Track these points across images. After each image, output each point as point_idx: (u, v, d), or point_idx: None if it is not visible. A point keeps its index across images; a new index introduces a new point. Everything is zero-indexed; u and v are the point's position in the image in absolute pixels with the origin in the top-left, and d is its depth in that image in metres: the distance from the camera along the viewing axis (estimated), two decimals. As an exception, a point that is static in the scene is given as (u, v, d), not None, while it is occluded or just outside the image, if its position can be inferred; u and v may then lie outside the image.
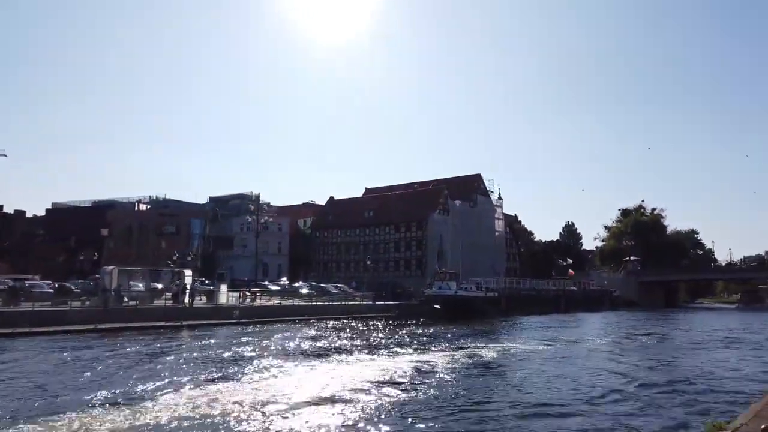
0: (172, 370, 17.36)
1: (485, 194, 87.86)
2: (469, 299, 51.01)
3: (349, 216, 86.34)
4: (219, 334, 30.19)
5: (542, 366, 20.62)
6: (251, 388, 14.96)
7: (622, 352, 25.94)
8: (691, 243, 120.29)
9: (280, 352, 22.97)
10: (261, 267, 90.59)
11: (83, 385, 15.04)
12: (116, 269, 37.70)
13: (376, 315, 47.15)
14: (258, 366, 18.67)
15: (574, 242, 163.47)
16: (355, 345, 25.82)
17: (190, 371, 17.32)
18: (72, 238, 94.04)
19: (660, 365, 21.48)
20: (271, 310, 41.05)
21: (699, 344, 30.58)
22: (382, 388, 14.98)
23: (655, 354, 25.41)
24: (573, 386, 16.29)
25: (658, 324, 47.33)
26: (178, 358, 20.39)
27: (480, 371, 19.14)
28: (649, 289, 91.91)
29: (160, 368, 17.95)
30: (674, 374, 19.06)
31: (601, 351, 26.37)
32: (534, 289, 66.55)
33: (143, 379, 15.90)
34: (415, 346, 25.74)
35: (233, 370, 17.84)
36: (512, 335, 33.95)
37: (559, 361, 21.98)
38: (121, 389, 14.22)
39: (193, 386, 14.90)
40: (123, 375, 16.66)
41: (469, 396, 14.54)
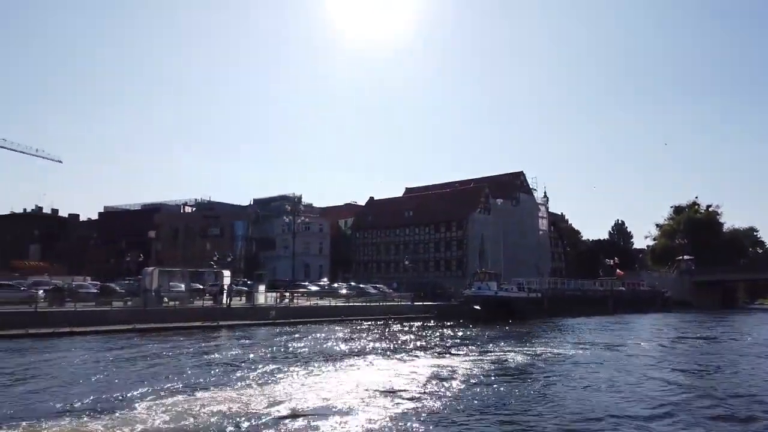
0: (190, 373, 17.20)
1: (528, 192, 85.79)
2: (509, 300, 49.56)
3: (388, 216, 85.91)
4: (252, 334, 30.24)
5: (582, 372, 19.22)
6: (259, 392, 14.39)
7: (674, 358, 24.07)
8: (749, 241, 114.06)
9: (306, 354, 22.52)
10: (303, 267, 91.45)
11: (100, 386, 15.07)
12: (156, 270, 38.46)
13: (414, 316, 46.43)
14: (274, 369, 18.13)
15: (625, 241, 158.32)
16: (384, 347, 25.09)
17: (204, 374, 17.07)
18: (123, 240, 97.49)
19: (716, 374, 19.84)
20: (307, 311, 40.96)
21: (760, 349, 28.46)
22: (396, 396, 14.20)
23: (710, 360, 23.56)
24: (617, 397, 14.94)
25: (714, 326, 44.70)
26: (204, 359, 20.34)
27: (512, 378, 17.88)
28: (705, 290, 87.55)
29: (183, 369, 17.90)
30: (732, 385, 17.35)
31: (649, 356, 24.53)
32: (579, 289, 64.08)
33: (157, 380, 15.88)
34: (446, 349, 24.85)
35: (240, 374, 17.25)
36: (553, 338, 32.35)
37: (603, 367, 20.43)
38: (126, 392, 14.03)
39: (202, 389, 14.57)
40: (140, 376, 16.64)
41: (497, 406, 13.50)
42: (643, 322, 49.15)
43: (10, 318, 27.28)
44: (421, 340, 28.70)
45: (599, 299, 62.75)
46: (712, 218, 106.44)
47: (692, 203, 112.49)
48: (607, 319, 50.50)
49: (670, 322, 49.67)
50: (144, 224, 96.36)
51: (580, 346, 27.41)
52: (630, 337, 33.91)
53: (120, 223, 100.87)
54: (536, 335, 33.94)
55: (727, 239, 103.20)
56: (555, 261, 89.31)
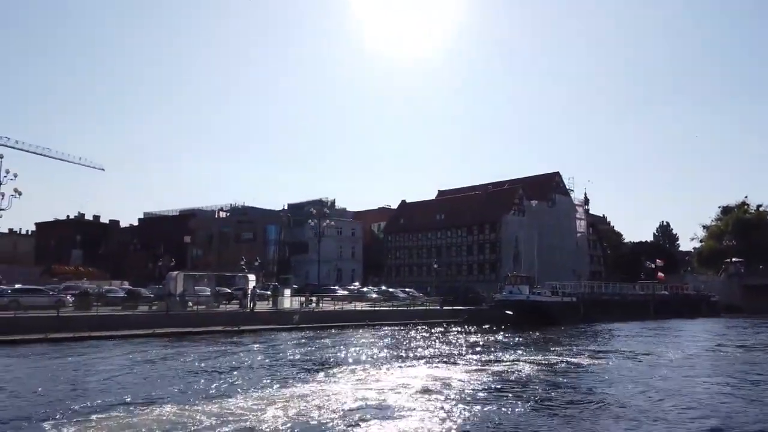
0: (186, 379, 16.72)
1: (565, 193, 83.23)
2: (542, 304, 47.76)
3: (420, 219, 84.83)
4: (271, 340, 29.71)
5: (616, 387, 17.09)
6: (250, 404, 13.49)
7: (724, 371, 21.57)
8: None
9: (315, 361, 21.67)
10: (335, 272, 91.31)
11: (86, 391, 14.68)
12: (181, 274, 38.60)
13: (441, 321, 45.29)
14: (264, 379, 17.26)
15: (670, 244, 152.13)
16: (394, 355, 23.87)
17: (200, 382, 16.44)
18: (161, 245, 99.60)
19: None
20: (332, 315, 40.32)
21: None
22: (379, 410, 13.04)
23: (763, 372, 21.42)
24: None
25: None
26: (202, 366, 19.72)
27: (505, 396, 15.32)
28: (756, 294, 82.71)
29: (179, 375, 17.44)
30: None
31: (686, 367, 22.29)
32: (618, 293, 61.30)
33: (153, 386, 15.40)
34: (455, 357, 23.43)
35: (221, 383, 16.34)
36: (580, 345, 30.23)
37: (635, 383, 17.81)
38: (112, 398, 13.60)
39: (192, 400, 13.87)
40: (119, 383, 16.25)
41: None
42: (687, 328, 46.46)
43: (33, 323, 27.51)
44: (435, 347, 27.44)
45: (640, 304, 59.88)
46: (763, 218, 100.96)
47: (741, 203, 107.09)
48: (647, 324, 48.03)
49: (716, 328, 46.82)
50: (180, 229, 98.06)
51: (608, 355, 25.48)
52: (667, 344, 31.65)
53: (158, 229, 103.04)
54: (563, 342, 31.97)
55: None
56: (594, 264, 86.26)
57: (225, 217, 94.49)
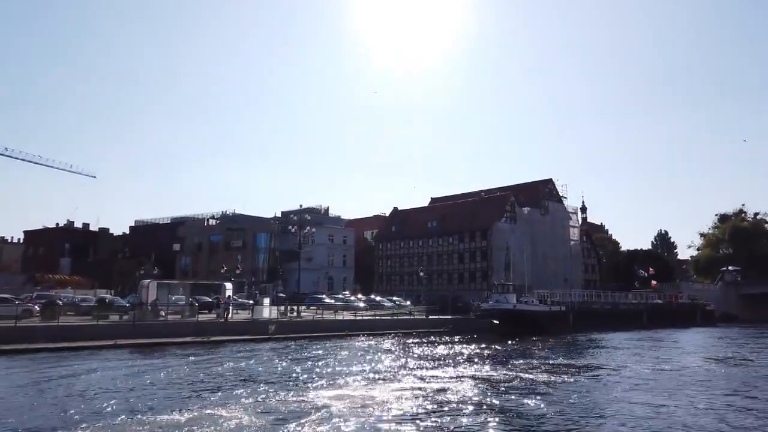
0: (103, 399, 15.39)
1: (559, 200, 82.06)
2: (529, 314, 46.52)
3: (412, 227, 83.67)
4: (233, 351, 28.43)
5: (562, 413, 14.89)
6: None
7: (697, 391, 19.22)
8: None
9: (255, 376, 20.01)
10: (326, 280, 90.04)
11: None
12: (154, 283, 37.47)
13: (425, 331, 44.13)
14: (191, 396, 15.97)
15: (668, 252, 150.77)
16: (360, 369, 22.52)
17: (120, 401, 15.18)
18: (151, 253, 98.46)
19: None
20: (310, 325, 39.14)
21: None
22: None
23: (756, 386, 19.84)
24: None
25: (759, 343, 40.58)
26: (137, 381, 18.35)
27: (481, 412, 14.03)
28: (753, 303, 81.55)
29: (99, 394, 16.14)
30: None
31: (655, 390, 18.67)
32: (609, 302, 59.88)
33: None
34: (425, 370, 22.23)
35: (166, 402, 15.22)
36: (560, 357, 28.23)
37: (583, 408, 15.65)
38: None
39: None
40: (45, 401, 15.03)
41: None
42: (677, 337, 45.12)
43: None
44: (405, 360, 26.04)
45: (632, 313, 58.52)
46: (760, 227, 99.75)
47: (738, 211, 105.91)
48: (638, 334, 46.64)
49: (708, 338, 45.38)
50: (171, 238, 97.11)
51: (575, 370, 23.41)
52: (648, 356, 29.70)
53: (149, 237, 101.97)
54: (537, 354, 30.14)
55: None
56: (588, 272, 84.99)
57: (215, 225, 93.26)
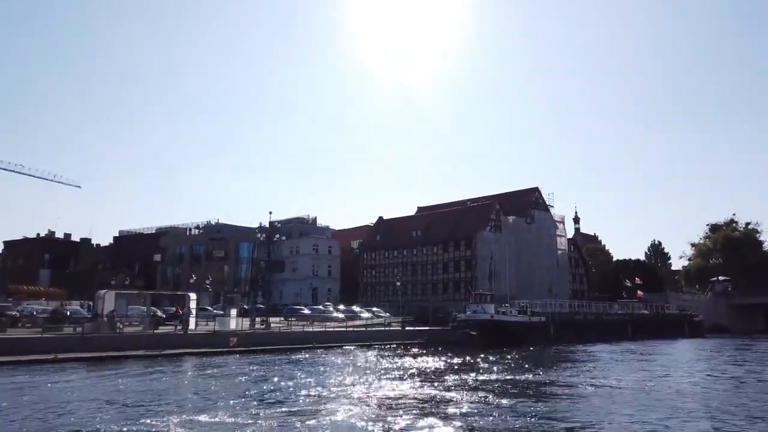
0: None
1: (546, 209, 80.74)
2: (507, 324, 44.93)
3: (397, 236, 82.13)
4: (181, 365, 26.94)
5: None
6: None
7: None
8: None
9: (186, 395, 18.46)
10: (310, 290, 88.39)
11: None
12: (111, 293, 35.93)
13: (400, 342, 42.62)
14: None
15: (661, 262, 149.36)
16: (310, 384, 21.24)
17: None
18: (135, 263, 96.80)
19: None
20: (276, 338, 37.53)
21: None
22: None
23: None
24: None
25: (748, 356, 39.02)
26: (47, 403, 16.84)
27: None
28: (744, 314, 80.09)
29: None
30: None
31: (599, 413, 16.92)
32: (593, 313, 58.21)
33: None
34: (387, 383, 20.89)
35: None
36: (534, 371, 26.61)
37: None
38: None
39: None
40: None
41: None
42: (661, 349, 43.47)
43: None
44: (362, 373, 24.55)
45: (617, 324, 56.90)
46: (751, 237, 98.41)
47: (729, 221, 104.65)
48: (620, 346, 45.01)
49: (690, 351, 43.65)
50: (153, 248, 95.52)
51: (550, 386, 21.67)
52: (617, 371, 27.51)
53: (132, 247, 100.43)
54: (510, 367, 28.24)
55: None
56: (576, 283, 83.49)
57: (197, 235, 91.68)
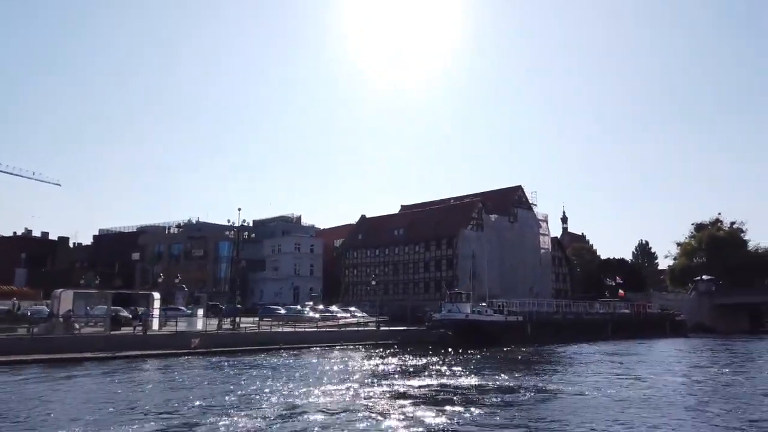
0: None
1: (529, 208, 79.89)
2: (483, 324, 44.00)
3: (379, 235, 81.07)
4: (131, 368, 25.61)
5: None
6: None
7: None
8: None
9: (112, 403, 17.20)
10: (291, 290, 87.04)
11: None
12: (69, 293, 34.54)
13: (373, 343, 41.56)
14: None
15: (649, 262, 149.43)
16: (261, 389, 20.08)
17: None
18: (115, 263, 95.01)
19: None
20: (242, 339, 36.33)
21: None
22: None
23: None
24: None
25: (726, 356, 38.35)
26: None
27: None
28: (728, 313, 79.65)
29: None
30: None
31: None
32: (572, 312, 57.35)
33: None
34: (347, 386, 19.79)
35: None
36: (501, 371, 25.58)
37: None
38: None
39: None
40: None
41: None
42: (638, 350, 42.64)
43: None
44: (321, 376, 23.49)
45: (597, 323, 56.11)
46: (736, 236, 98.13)
47: (715, 220, 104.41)
48: (598, 347, 44.14)
49: (667, 351, 42.67)
50: (132, 247, 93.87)
51: (507, 391, 20.19)
52: (576, 375, 26.14)
53: (112, 246, 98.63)
54: (478, 367, 27.24)
55: (753, 259, 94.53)
56: (560, 282, 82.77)
57: (176, 234, 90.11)
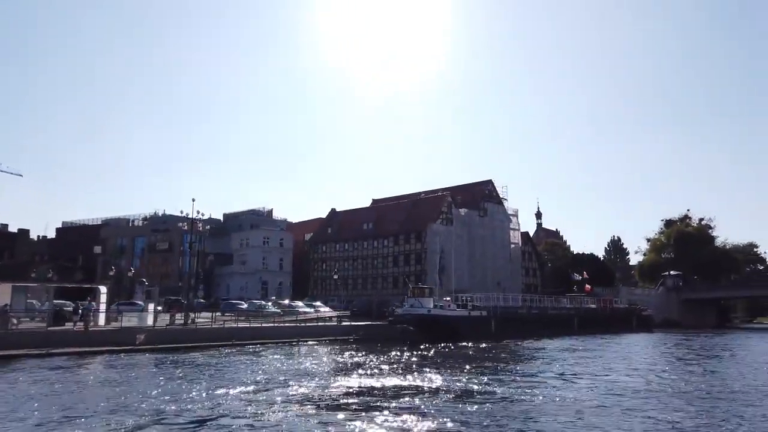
0: None
1: (499, 203, 79.43)
2: (445, 319, 43.18)
3: (348, 228, 79.89)
4: (64, 367, 24.00)
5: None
6: None
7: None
8: (745, 257, 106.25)
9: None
10: (259, 284, 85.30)
11: None
12: (6, 286, 32.65)
13: (332, 338, 40.47)
14: None
15: (621, 258, 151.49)
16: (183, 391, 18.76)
17: None
18: (79, 256, 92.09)
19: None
20: (191, 334, 34.75)
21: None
22: None
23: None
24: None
25: (701, 350, 38.19)
26: None
27: None
28: (695, 308, 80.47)
29: None
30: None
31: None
32: (538, 307, 56.92)
33: None
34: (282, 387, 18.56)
35: None
36: (446, 371, 24.65)
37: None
38: None
39: None
40: None
41: None
42: (602, 344, 42.24)
43: None
44: (262, 375, 22.21)
45: (563, 318, 55.79)
46: (704, 232, 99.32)
47: (684, 216, 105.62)
48: (561, 342, 43.56)
49: (630, 345, 42.55)
50: (94, 240, 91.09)
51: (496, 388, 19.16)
52: (576, 371, 25.49)
53: (74, 239, 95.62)
54: (431, 364, 26.20)
55: (720, 255, 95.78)
56: (530, 276, 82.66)
57: (140, 226, 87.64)
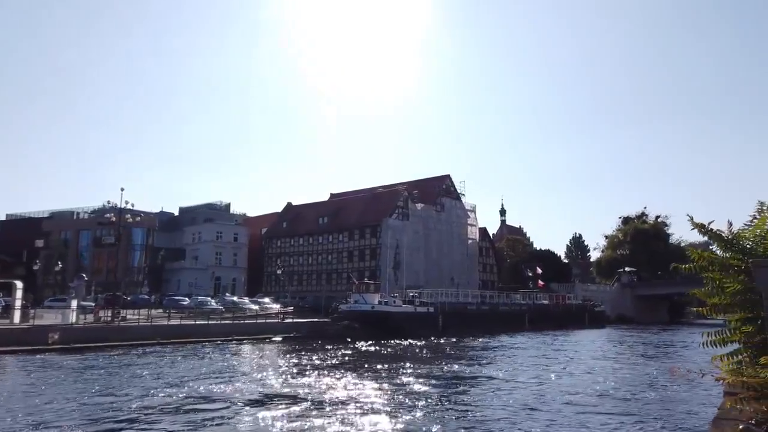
0: None
1: (457, 198, 78.68)
2: (390, 315, 41.97)
3: (303, 223, 77.97)
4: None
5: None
6: None
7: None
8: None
9: None
10: (212, 280, 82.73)
11: None
12: None
13: (272, 336, 38.82)
14: None
15: (582, 254, 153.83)
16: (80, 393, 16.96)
17: None
18: (23, 251, 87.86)
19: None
20: (111, 333, 32.57)
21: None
22: None
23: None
24: None
25: (647, 343, 37.93)
26: None
27: None
28: (649, 304, 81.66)
29: None
30: None
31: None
32: (488, 303, 56.15)
33: None
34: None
35: None
36: (378, 370, 23.64)
37: None
38: None
39: None
40: None
41: None
42: (550, 341, 41.65)
43: None
44: (173, 377, 20.53)
45: (514, 314, 55.19)
46: (660, 229, 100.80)
47: (641, 214, 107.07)
48: (508, 338, 42.85)
49: (577, 342, 42.14)
50: (37, 233, 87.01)
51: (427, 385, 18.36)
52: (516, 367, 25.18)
53: (17, 233, 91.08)
54: (365, 362, 25.19)
55: (676, 252, 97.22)
56: (487, 272, 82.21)
57: (86, 219, 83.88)
